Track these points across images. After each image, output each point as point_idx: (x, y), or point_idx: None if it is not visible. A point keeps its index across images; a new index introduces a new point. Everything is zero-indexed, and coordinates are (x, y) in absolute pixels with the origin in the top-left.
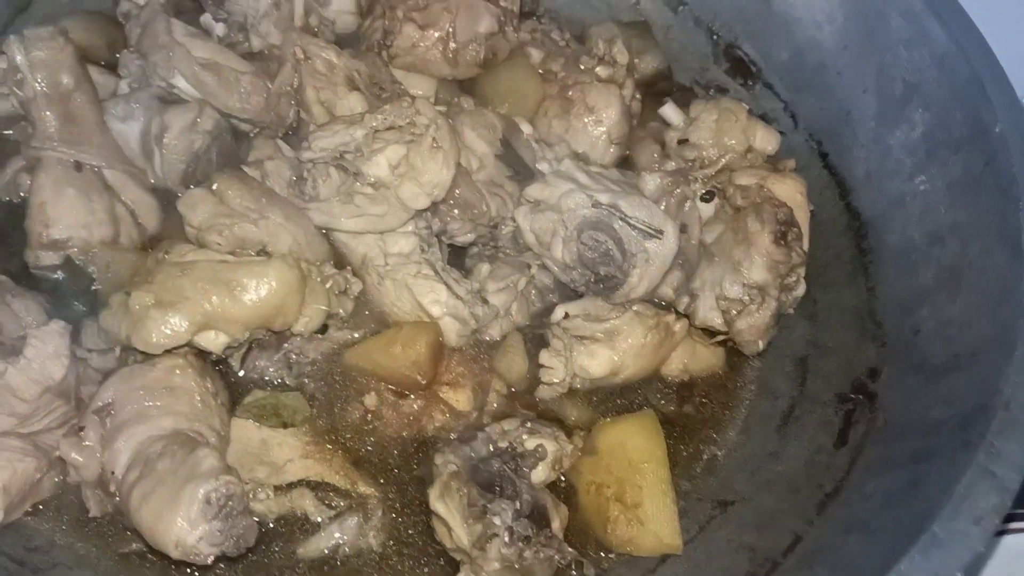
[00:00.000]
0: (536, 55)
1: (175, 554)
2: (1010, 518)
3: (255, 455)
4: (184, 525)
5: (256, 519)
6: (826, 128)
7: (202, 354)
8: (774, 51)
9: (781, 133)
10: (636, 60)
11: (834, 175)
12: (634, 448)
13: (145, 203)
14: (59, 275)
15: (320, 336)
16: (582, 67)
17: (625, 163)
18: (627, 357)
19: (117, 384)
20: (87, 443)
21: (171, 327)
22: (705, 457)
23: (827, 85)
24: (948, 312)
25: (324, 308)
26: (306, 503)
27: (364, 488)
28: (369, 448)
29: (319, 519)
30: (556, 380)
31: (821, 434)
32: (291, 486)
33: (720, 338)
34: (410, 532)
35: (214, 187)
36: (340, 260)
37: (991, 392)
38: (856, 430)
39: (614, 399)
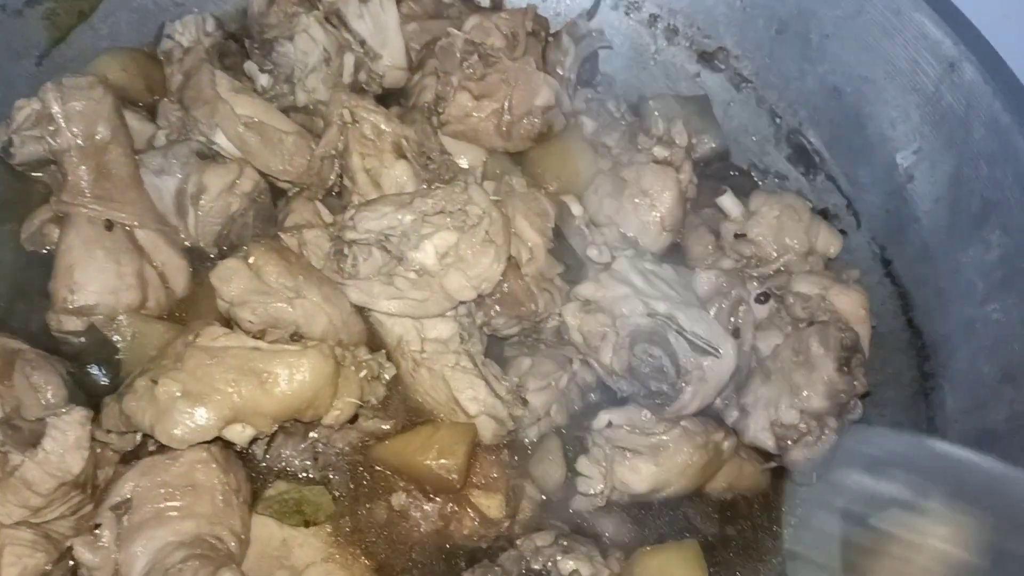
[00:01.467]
0: (590, 125)
1: None
2: None
3: (275, 558)
4: None
5: None
6: (892, 233)
7: (227, 444)
8: (841, 143)
9: (842, 232)
10: (693, 140)
11: (897, 286)
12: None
13: (175, 265)
14: (81, 340)
15: (349, 425)
16: (639, 146)
17: (675, 250)
18: (672, 475)
19: (137, 478)
20: (102, 543)
21: (198, 421)
22: None
23: (896, 187)
24: (1020, 462)
25: (356, 401)
26: None
27: None
28: (393, 553)
29: None
30: (594, 491)
31: None
32: None
33: (772, 464)
34: None
35: (250, 260)
36: (373, 340)
37: None
38: None
39: (653, 517)
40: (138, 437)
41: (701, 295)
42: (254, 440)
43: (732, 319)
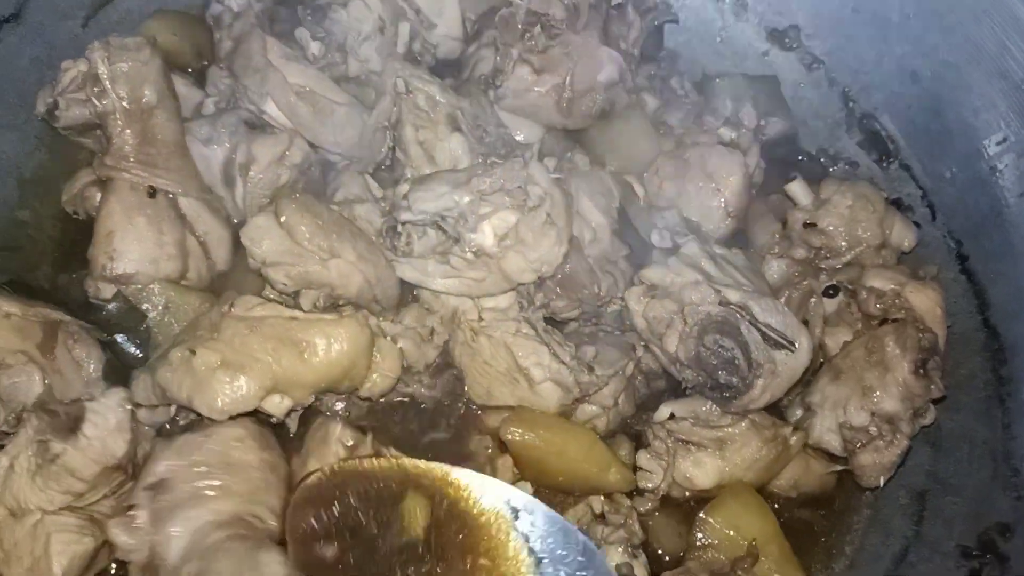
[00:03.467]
0: (652, 103)
1: None
2: None
3: None
4: None
5: None
6: (969, 228)
7: (261, 418)
8: (918, 131)
9: (916, 225)
10: (761, 122)
11: (973, 284)
12: (751, 528)
13: (218, 236)
14: (111, 308)
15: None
16: (704, 127)
17: (739, 237)
18: (738, 470)
19: (172, 457)
20: (137, 523)
21: (239, 391)
22: None
23: (977, 179)
24: None
25: (392, 375)
26: None
27: None
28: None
29: None
30: (651, 485)
31: None
32: None
33: (838, 468)
34: None
35: (282, 219)
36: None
37: None
38: None
39: None
40: (172, 410)
41: (770, 282)
42: (289, 413)
43: (801, 311)
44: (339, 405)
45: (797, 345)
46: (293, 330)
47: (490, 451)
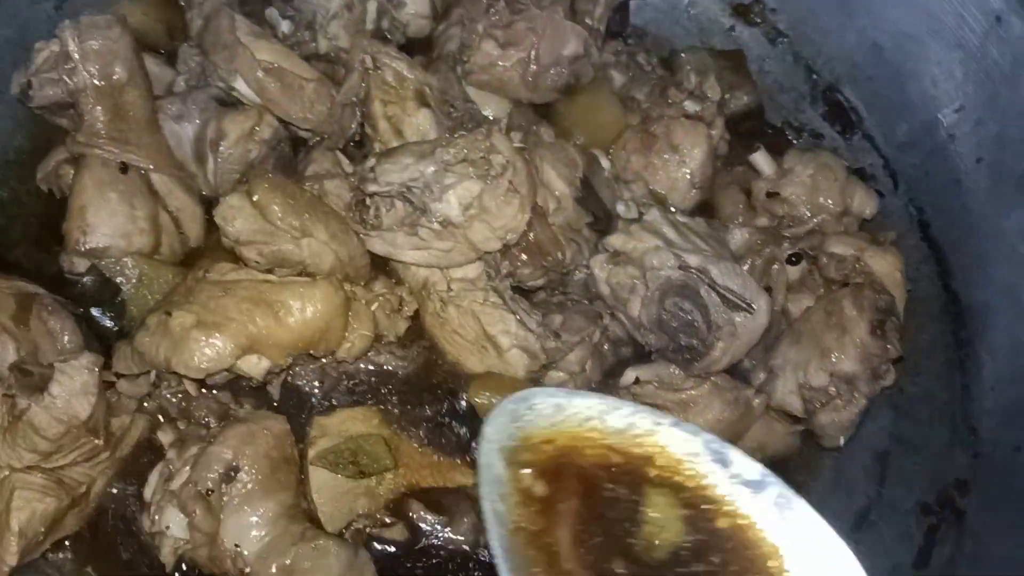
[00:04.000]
0: (619, 79)
1: None
2: None
3: (348, 492)
4: None
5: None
6: (930, 195)
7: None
8: (879, 101)
9: (879, 194)
10: (727, 95)
11: (934, 250)
12: None
13: (191, 212)
14: (86, 282)
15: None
16: (669, 100)
17: (705, 208)
18: None
19: (240, 446)
20: (212, 510)
21: (215, 349)
22: None
23: (936, 147)
24: None
25: (369, 334)
26: (422, 518)
27: (464, 479)
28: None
29: (436, 527)
30: None
31: (899, 549)
32: (398, 504)
33: (799, 427)
34: None
35: (255, 198)
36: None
37: None
38: (940, 552)
39: None
40: (152, 376)
41: (733, 251)
42: (269, 379)
43: (764, 278)
44: (316, 386)
45: (756, 307)
46: (267, 292)
47: None
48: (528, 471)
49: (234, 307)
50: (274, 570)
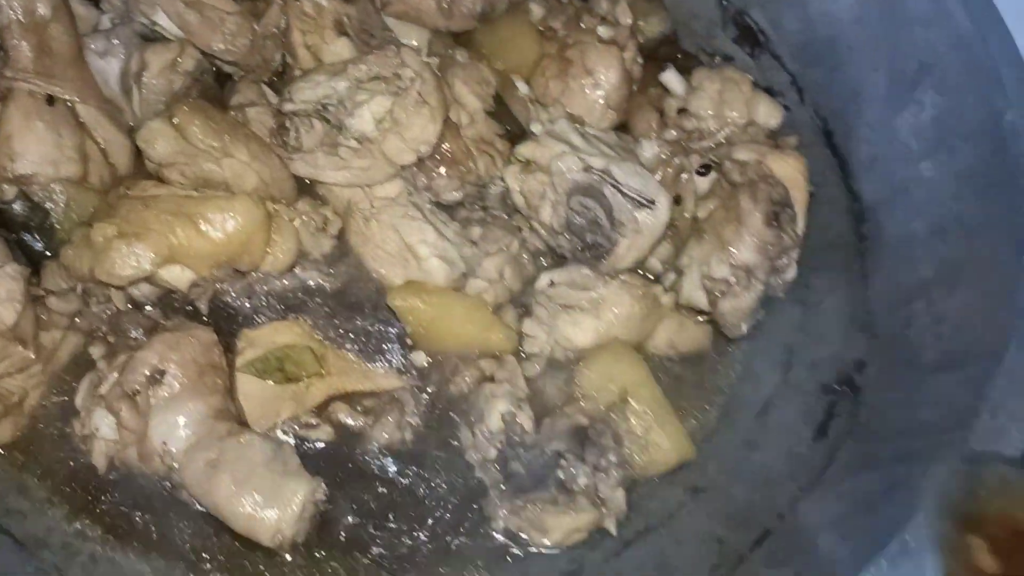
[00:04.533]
0: (537, 11)
1: (268, 542)
2: None
3: (275, 396)
4: (288, 519)
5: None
6: (833, 105)
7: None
8: (784, 20)
9: (786, 108)
10: (641, 22)
11: (837, 156)
12: (624, 378)
13: (118, 143)
14: (15, 208)
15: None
16: (583, 26)
17: (622, 129)
18: (613, 327)
19: (166, 352)
20: (139, 409)
21: (136, 256)
22: None
23: (838, 60)
24: (944, 308)
25: (291, 247)
26: (345, 418)
27: (387, 383)
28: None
29: (361, 425)
30: (536, 350)
31: (801, 425)
32: (323, 408)
33: (704, 318)
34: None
35: (175, 121)
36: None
37: (978, 396)
38: (837, 424)
39: None
40: (80, 289)
41: (644, 163)
42: (197, 296)
43: (674, 188)
44: (245, 303)
45: (656, 203)
46: (188, 206)
47: None
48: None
49: (155, 219)
50: (200, 464)
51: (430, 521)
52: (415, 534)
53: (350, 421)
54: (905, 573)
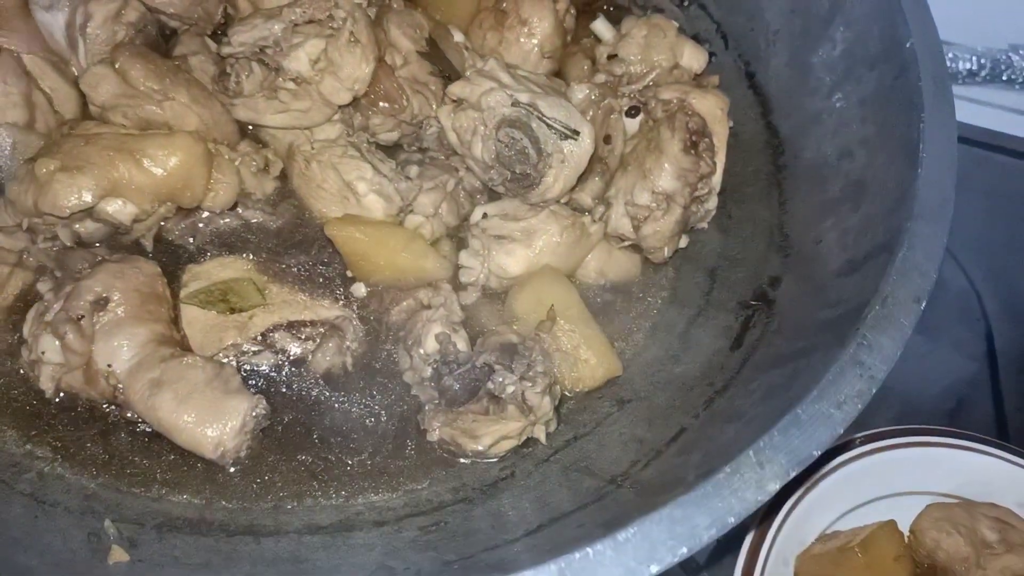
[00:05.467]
0: None
1: (211, 455)
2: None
3: (218, 325)
4: (229, 432)
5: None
6: (754, 49)
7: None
8: None
9: (712, 54)
10: None
11: (758, 95)
12: (553, 299)
13: (64, 92)
14: None
15: (231, 212)
16: None
17: (557, 78)
18: (543, 255)
19: (109, 280)
20: (83, 332)
21: (77, 189)
22: None
23: (758, 5)
24: (849, 222)
25: (232, 184)
26: (288, 346)
27: (327, 313)
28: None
29: (302, 351)
30: (472, 279)
31: (720, 339)
32: (265, 335)
33: (627, 243)
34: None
35: (117, 65)
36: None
37: (873, 291)
38: (752, 334)
39: None
40: (25, 223)
41: (576, 105)
42: (142, 233)
43: (604, 127)
44: (189, 241)
45: (580, 133)
46: (128, 142)
47: None
48: None
49: (96, 154)
50: (144, 383)
51: (369, 438)
52: (353, 448)
53: (292, 347)
54: (798, 442)
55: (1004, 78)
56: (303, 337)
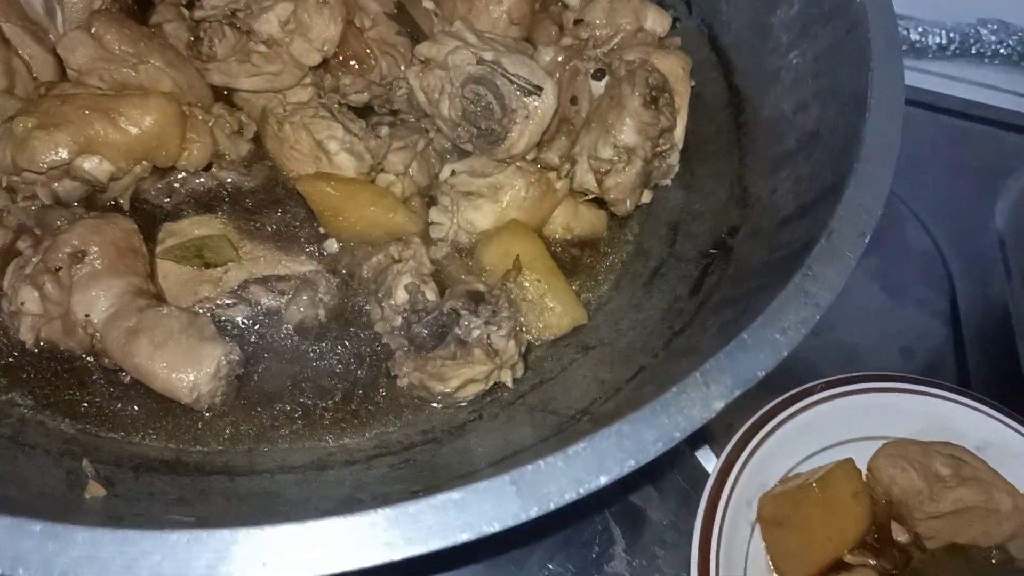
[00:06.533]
0: None
1: (186, 399)
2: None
3: (193, 279)
4: (204, 377)
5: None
6: (716, 12)
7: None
8: None
9: (676, 19)
10: None
11: (720, 56)
12: (520, 250)
13: (42, 58)
14: None
15: (206, 172)
16: None
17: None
18: (510, 209)
19: (87, 234)
20: (62, 283)
21: (54, 145)
22: None
23: None
24: (802, 170)
25: (206, 144)
26: (262, 299)
27: (301, 268)
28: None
29: (276, 304)
30: (441, 235)
31: (680, 286)
32: (239, 289)
33: (591, 196)
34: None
35: (92, 30)
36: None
37: (820, 228)
38: (710, 280)
39: None
40: (4, 181)
41: (543, 67)
42: (119, 193)
43: (570, 89)
44: (165, 201)
45: (544, 89)
46: (104, 102)
47: None
48: None
49: (73, 113)
50: (121, 331)
51: (341, 384)
52: (326, 394)
53: (266, 300)
54: (743, 365)
55: (973, 51)
56: (277, 291)
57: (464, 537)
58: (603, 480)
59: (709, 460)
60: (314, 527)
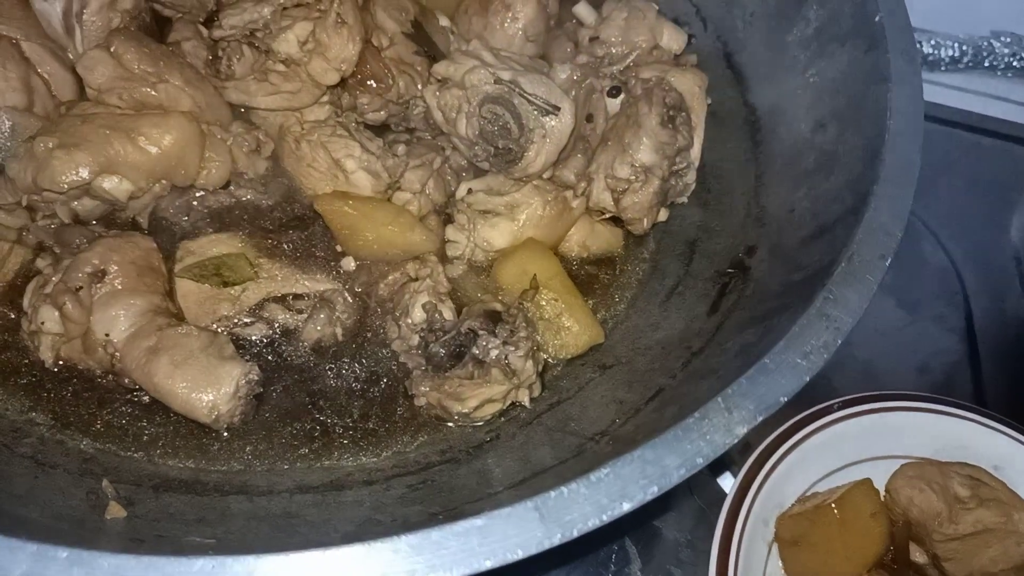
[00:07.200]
0: None
1: (205, 419)
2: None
3: (212, 298)
4: (223, 397)
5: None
6: (732, 30)
7: None
8: None
9: (691, 36)
10: None
11: (736, 74)
12: (537, 269)
13: (62, 77)
14: None
15: (224, 192)
16: None
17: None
18: (527, 228)
19: (107, 253)
20: (82, 303)
21: (75, 165)
22: None
23: None
24: (821, 190)
25: (224, 162)
26: (279, 317)
27: (318, 286)
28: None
29: (294, 322)
30: (458, 253)
31: (698, 305)
32: (257, 307)
33: (608, 215)
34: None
35: (112, 49)
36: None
37: (841, 250)
38: (728, 299)
39: None
40: (24, 200)
41: (559, 85)
42: (138, 211)
43: (586, 107)
44: (184, 219)
45: (561, 109)
46: (124, 121)
47: None
48: None
49: (93, 132)
50: (140, 351)
51: (358, 404)
52: (344, 414)
53: (283, 319)
54: (764, 389)
55: (986, 64)
56: (294, 309)
57: (488, 564)
58: (626, 507)
59: (725, 478)
60: (337, 553)
